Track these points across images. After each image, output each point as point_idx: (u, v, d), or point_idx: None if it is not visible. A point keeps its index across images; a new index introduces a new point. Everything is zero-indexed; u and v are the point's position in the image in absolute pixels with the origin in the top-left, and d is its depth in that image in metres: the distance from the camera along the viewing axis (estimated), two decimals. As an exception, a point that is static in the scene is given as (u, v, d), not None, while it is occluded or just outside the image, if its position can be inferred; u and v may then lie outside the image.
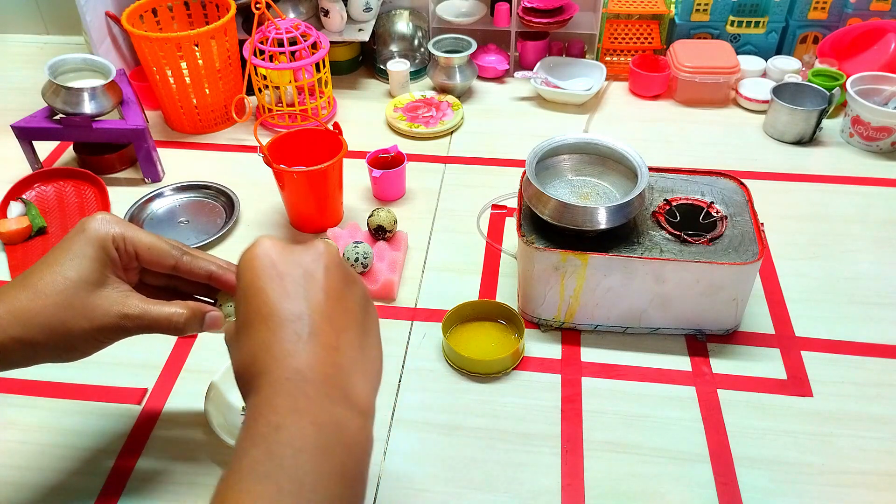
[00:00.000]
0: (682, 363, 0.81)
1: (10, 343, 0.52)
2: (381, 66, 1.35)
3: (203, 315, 0.58)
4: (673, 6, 1.34)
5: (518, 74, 1.30)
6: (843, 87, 1.18)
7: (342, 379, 0.43)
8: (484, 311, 0.86)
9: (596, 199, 0.85)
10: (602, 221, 0.78)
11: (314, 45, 1.17)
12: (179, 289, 0.62)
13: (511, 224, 1.01)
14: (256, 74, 1.18)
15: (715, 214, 0.83)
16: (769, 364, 0.81)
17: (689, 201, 0.85)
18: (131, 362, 0.83)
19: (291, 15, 1.31)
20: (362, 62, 1.41)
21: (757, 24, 1.30)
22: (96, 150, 1.12)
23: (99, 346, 0.56)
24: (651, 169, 0.85)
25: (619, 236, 0.81)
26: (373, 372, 0.47)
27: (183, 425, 0.76)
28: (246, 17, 1.32)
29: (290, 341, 0.43)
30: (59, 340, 0.53)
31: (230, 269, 0.60)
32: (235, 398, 0.77)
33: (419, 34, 1.40)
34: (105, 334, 0.54)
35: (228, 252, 0.98)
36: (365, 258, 0.88)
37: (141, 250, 0.57)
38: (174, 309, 0.57)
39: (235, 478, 0.39)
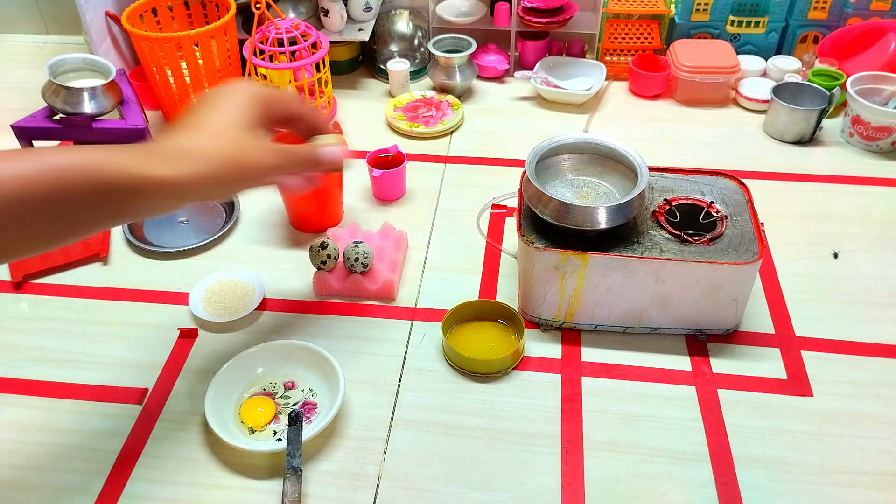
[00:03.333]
0: (682, 363, 0.81)
1: (192, 178, 0.56)
2: (381, 66, 1.35)
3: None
4: (673, 6, 1.34)
5: (518, 74, 1.30)
6: (843, 86, 1.18)
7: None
8: (484, 311, 0.86)
9: (596, 199, 0.85)
10: (602, 221, 0.78)
11: (314, 45, 1.17)
12: None
13: (511, 224, 1.01)
14: (256, 74, 1.18)
15: (715, 214, 0.83)
16: (769, 364, 0.81)
17: (689, 201, 0.85)
18: (131, 362, 0.83)
19: (291, 15, 1.31)
20: (362, 62, 1.41)
21: (757, 23, 1.30)
22: (96, 149, 1.12)
23: (257, 182, 0.62)
24: (651, 169, 0.85)
25: (619, 236, 0.81)
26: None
27: (183, 425, 0.76)
28: (246, 17, 1.32)
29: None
30: (232, 174, 0.59)
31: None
32: (235, 397, 0.77)
33: (419, 34, 1.40)
34: (264, 171, 0.61)
35: (228, 252, 0.98)
36: (365, 258, 0.88)
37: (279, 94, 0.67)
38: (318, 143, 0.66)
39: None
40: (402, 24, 1.39)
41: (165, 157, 0.55)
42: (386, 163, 1.05)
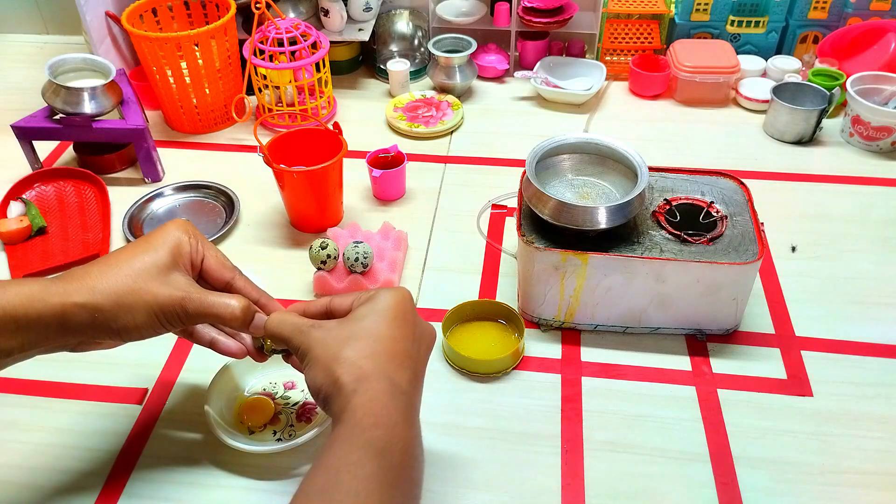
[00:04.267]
0: (682, 363, 0.81)
1: (73, 308, 0.55)
2: (381, 66, 1.35)
3: (253, 313, 0.61)
4: (673, 6, 1.34)
5: (518, 74, 1.30)
6: (843, 86, 1.18)
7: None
8: (484, 311, 0.86)
9: (596, 199, 0.85)
10: (602, 221, 0.78)
11: (314, 45, 1.17)
12: None
13: (511, 224, 1.01)
14: (256, 74, 1.18)
15: (715, 214, 0.83)
16: (769, 364, 0.81)
17: (689, 201, 0.85)
18: (131, 362, 0.83)
19: (291, 15, 1.31)
20: (362, 62, 1.41)
21: (757, 23, 1.30)
22: (96, 149, 1.12)
23: (155, 328, 0.58)
24: (651, 169, 0.85)
25: (619, 236, 0.81)
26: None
27: (183, 425, 0.76)
28: (246, 17, 1.32)
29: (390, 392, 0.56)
30: (121, 311, 0.56)
31: (275, 301, 0.66)
32: (235, 397, 0.77)
33: (419, 34, 1.40)
34: (165, 315, 0.58)
35: (228, 252, 0.97)
36: (365, 258, 0.88)
37: (208, 257, 0.63)
38: (231, 300, 0.60)
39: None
40: (402, 24, 1.39)
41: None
42: (386, 163, 1.05)
